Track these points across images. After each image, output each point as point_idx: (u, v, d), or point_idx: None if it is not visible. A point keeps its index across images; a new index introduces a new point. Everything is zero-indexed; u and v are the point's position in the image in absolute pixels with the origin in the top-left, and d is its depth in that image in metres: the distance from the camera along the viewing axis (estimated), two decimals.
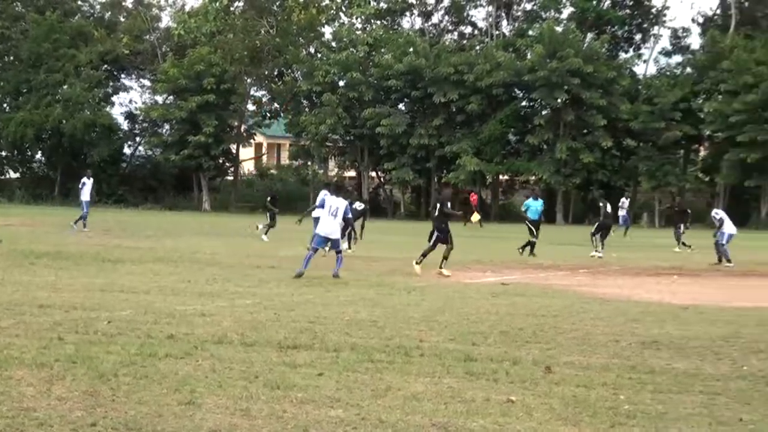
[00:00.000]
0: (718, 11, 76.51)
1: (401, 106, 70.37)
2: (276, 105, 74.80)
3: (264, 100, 75.82)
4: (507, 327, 12.39)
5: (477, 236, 39.94)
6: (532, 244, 28.62)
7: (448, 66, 64.95)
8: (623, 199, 52.58)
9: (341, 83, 68.48)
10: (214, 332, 11.13)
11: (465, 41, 76.37)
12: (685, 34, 76.73)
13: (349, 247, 26.92)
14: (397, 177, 68.41)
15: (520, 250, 28.59)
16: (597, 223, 29.99)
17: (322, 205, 20.35)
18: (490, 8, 74.95)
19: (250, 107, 75.04)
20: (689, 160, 71.05)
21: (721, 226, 26.97)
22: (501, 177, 71.37)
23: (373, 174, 74.41)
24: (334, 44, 70.73)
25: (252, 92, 74.87)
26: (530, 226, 28.98)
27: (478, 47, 72.49)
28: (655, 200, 68.13)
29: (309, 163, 76.54)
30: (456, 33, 79.75)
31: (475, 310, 14.15)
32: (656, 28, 76.01)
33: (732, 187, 64.00)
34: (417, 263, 20.65)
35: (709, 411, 7.69)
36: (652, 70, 73.87)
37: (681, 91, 64.40)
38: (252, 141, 78.56)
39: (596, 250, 28.90)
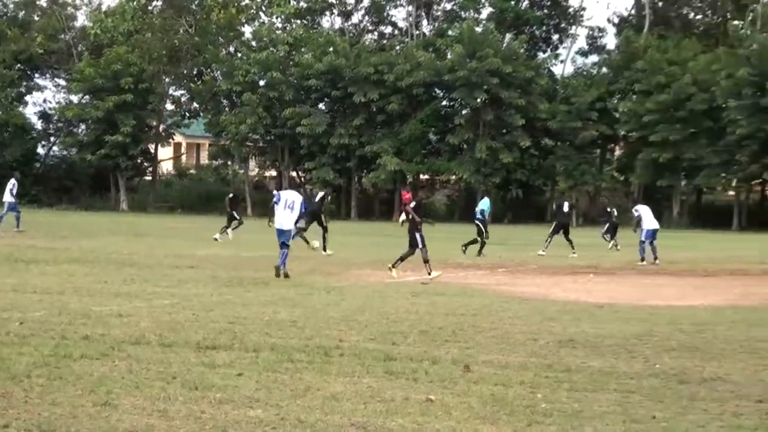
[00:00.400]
0: (633, 12, 77.88)
1: (321, 105, 70.17)
2: (195, 105, 74.10)
3: (183, 99, 75.05)
4: (427, 326, 12.43)
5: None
6: (483, 244, 28.91)
7: (368, 66, 64.99)
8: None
9: (261, 83, 68.04)
10: (132, 333, 10.98)
11: (385, 41, 76.49)
12: (601, 34, 78.00)
13: (324, 249, 27.13)
14: (317, 177, 68.18)
15: (464, 248, 28.73)
16: (555, 223, 30.74)
17: (277, 201, 20.68)
18: (410, 8, 75.19)
19: (169, 107, 74.13)
20: (605, 159, 72.13)
21: (640, 223, 27.42)
22: (421, 176, 71.64)
23: (294, 174, 74.13)
24: (254, 44, 70.24)
25: (171, 92, 73.98)
26: (482, 226, 29.32)
27: (398, 47, 72.65)
28: (572, 200, 69.01)
29: (229, 162, 75.92)
30: (376, 33, 79.88)
31: (395, 310, 14.18)
32: (573, 28, 77.12)
33: (645, 186, 65.14)
34: (392, 267, 20.49)
35: (623, 409, 7.79)
36: (569, 69, 74.84)
37: (597, 91, 65.35)
38: (171, 141, 77.57)
39: (543, 249, 29.59)
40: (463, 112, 67.76)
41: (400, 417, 7.35)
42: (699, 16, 78.53)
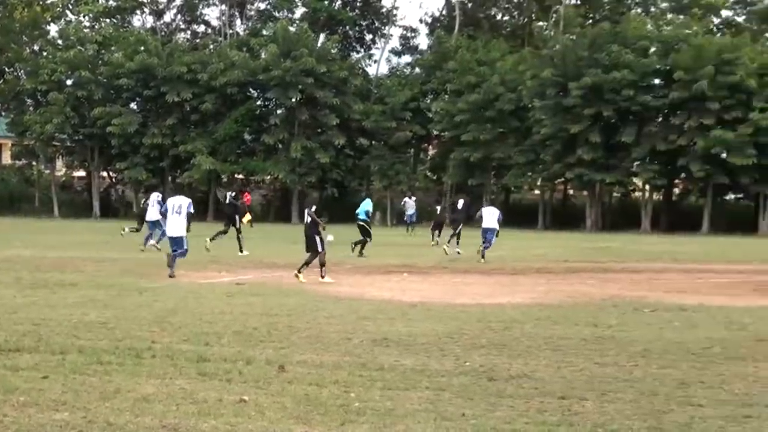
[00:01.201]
0: (444, 12, 79.42)
1: (133, 105, 68.59)
2: None
3: None
4: (241, 327, 12.31)
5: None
6: (364, 243, 29.11)
7: (181, 65, 63.96)
8: (406, 199, 53.39)
9: (69, 82, 65.95)
10: None
11: (198, 40, 75.50)
12: (413, 34, 79.37)
13: (241, 251, 27.38)
14: (129, 177, 66.70)
15: (353, 246, 29.00)
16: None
17: (165, 209, 20.98)
18: (224, 7, 74.47)
19: None
20: (419, 159, 73.36)
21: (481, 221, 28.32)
22: (236, 176, 71.01)
23: (105, 174, 72.18)
24: (60, 42, 67.95)
25: None
26: (367, 226, 29.63)
27: (211, 46, 71.82)
28: (387, 199, 69.73)
29: (34, 163, 73.21)
30: (189, 32, 78.80)
31: (210, 311, 13.98)
32: (386, 28, 78.03)
33: (458, 185, 66.56)
34: (299, 272, 20.06)
35: (434, 407, 7.90)
36: (383, 69, 75.90)
37: (411, 91, 66.34)
38: None
39: (447, 246, 30.34)
40: (278, 111, 67.62)
41: (212, 418, 7.26)
42: (506, 17, 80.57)
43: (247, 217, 31.14)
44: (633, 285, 20.21)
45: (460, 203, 32.91)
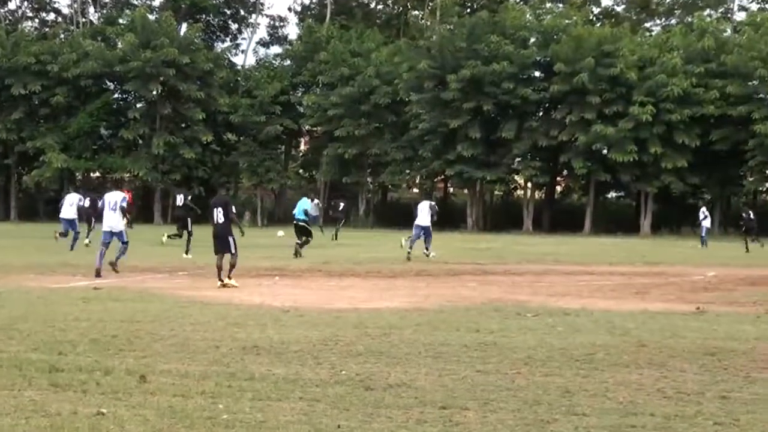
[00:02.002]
0: (314, 0, 79.17)
1: None
2: None
3: None
4: (99, 334, 12.00)
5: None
6: (306, 243, 29.54)
7: (28, 55, 62.39)
8: (314, 200, 52.83)
9: None
10: None
11: (48, 29, 73.68)
12: (282, 23, 79.05)
13: (187, 252, 27.99)
14: None
15: (297, 250, 29.24)
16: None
17: (102, 206, 22.29)
18: None
19: None
20: (290, 155, 73.17)
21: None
22: (92, 174, 69.58)
23: None
24: None
25: None
26: (307, 226, 29.99)
27: (62, 35, 70.19)
28: (257, 198, 69.34)
29: None
30: (37, 20, 76.86)
31: (63, 317, 13.60)
32: (253, 17, 77.57)
33: (332, 183, 66.63)
34: (227, 279, 19.54)
35: (308, 418, 7.81)
36: (251, 61, 75.61)
37: (280, 84, 66.08)
38: None
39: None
40: (138, 105, 66.61)
41: None
42: (380, 6, 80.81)
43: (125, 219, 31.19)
44: (515, 288, 20.47)
45: (341, 206, 33.24)
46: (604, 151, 57.77)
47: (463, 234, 56.52)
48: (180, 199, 31.66)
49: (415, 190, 71.51)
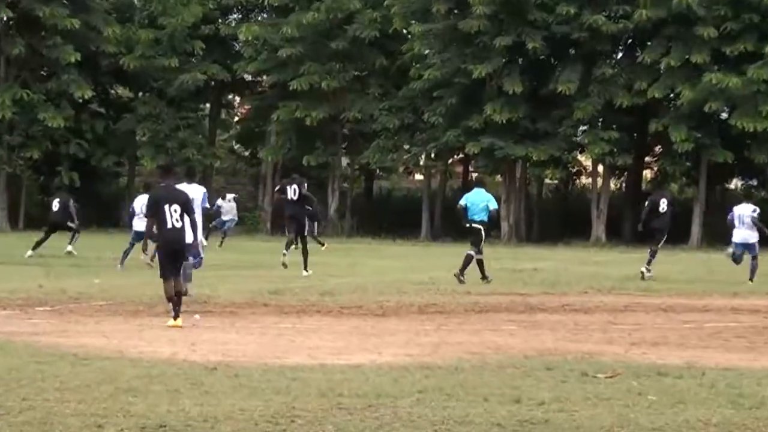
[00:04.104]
0: None
1: None
2: None
3: None
4: None
5: None
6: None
7: None
8: (220, 201, 52.83)
9: None
10: None
11: None
12: None
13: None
14: None
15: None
16: None
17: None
18: None
19: None
20: (220, 122, 73.66)
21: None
22: None
23: None
24: None
25: None
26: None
27: None
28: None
29: None
30: None
31: None
32: None
33: (285, 166, 66.70)
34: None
35: None
36: None
37: (201, 7, 65.80)
38: None
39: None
40: None
41: None
42: None
43: None
44: (579, 333, 20.43)
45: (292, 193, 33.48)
46: (724, 115, 57.84)
47: (495, 246, 56.50)
48: (60, 203, 33.08)
49: (419, 177, 71.51)
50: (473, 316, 23.40)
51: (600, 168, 64.02)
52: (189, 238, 21.43)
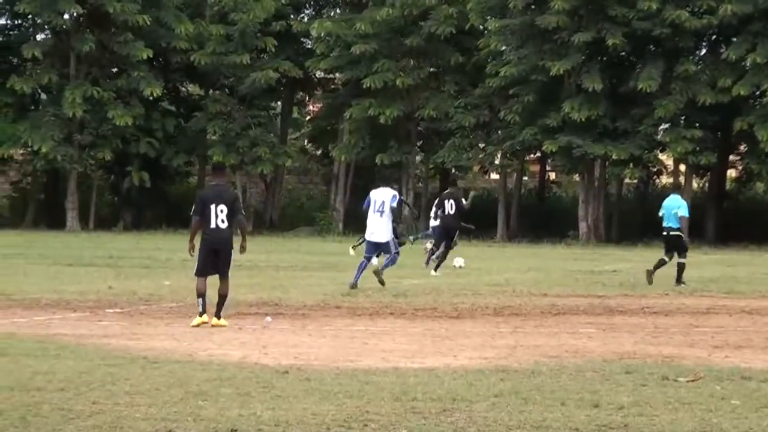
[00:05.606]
0: None
1: None
2: None
3: None
4: None
5: None
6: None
7: None
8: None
9: None
10: None
11: None
12: None
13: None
14: None
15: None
16: None
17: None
18: None
19: None
20: (291, 120, 73.54)
21: None
22: None
23: None
24: None
25: None
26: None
27: None
28: (238, 188, 69.36)
29: None
30: None
31: None
32: None
33: (358, 165, 66.72)
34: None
35: None
36: None
37: (274, 3, 66.00)
38: None
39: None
40: (39, 37, 67.66)
41: None
42: None
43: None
44: (659, 336, 20.37)
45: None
46: None
47: (573, 248, 56.36)
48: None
49: (495, 176, 71.28)
50: (550, 318, 23.35)
51: (682, 167, 63.70)
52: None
